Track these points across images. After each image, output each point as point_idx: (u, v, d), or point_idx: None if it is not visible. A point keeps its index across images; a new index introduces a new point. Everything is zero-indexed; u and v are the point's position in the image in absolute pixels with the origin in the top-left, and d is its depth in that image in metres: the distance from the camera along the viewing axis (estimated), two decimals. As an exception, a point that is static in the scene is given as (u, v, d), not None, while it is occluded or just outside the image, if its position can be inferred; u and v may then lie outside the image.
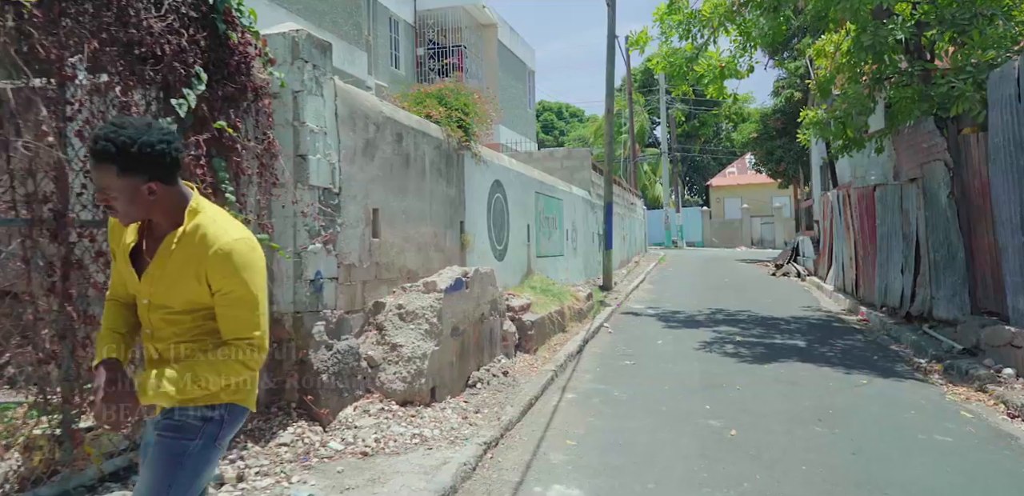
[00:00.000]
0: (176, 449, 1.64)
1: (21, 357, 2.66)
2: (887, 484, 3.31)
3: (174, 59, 2.98)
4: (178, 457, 1.64)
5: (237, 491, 2.97)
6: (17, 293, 2.66)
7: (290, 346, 3.76)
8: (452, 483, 3.18)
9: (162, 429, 1.67)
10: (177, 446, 1.64)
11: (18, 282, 2.66)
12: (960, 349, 5.98)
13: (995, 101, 5.76)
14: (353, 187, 4.28)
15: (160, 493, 1.62)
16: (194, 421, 1.66)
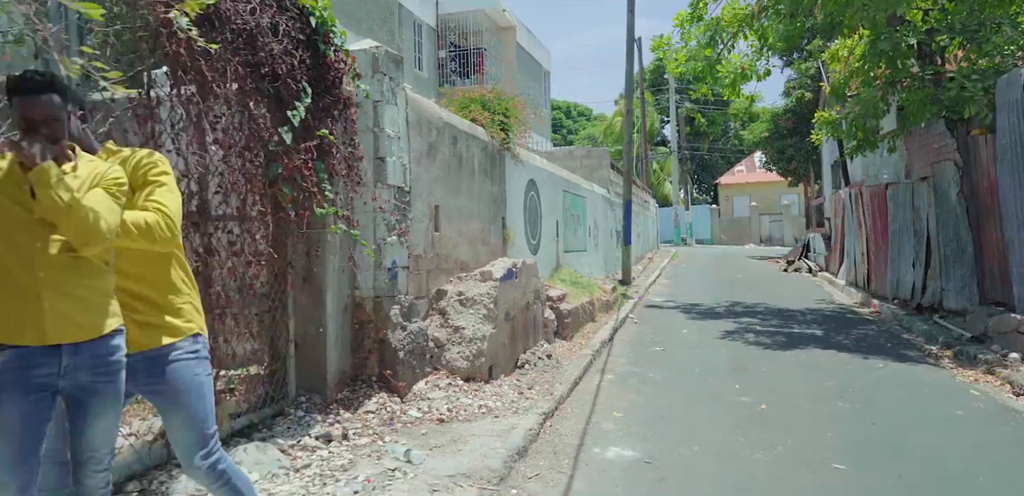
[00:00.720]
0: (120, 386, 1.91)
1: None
2: (905, 448, 3.76)
3: (288, 76, 3.46)
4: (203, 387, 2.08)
5: (343, 447, 3.45)
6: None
7: (370, 327, 4.24)
8: (523, 444, 3.65)
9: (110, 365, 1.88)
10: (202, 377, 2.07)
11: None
12: (969, 337, 6.41)
13: (1002, 105, 6.18)
14: (419, 186, 4.75)
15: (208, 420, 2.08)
16: (204, 353, 2.09)
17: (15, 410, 1.78)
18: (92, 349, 1.86)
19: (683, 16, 9.39)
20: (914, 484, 3.23)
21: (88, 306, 1.86)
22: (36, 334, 1.80)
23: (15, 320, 1.80)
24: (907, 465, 3.48)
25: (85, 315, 1.85)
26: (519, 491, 3.16)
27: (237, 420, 3.42)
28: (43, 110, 1.78)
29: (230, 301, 3.27)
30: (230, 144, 3.20)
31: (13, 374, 1.80)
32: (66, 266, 1.82)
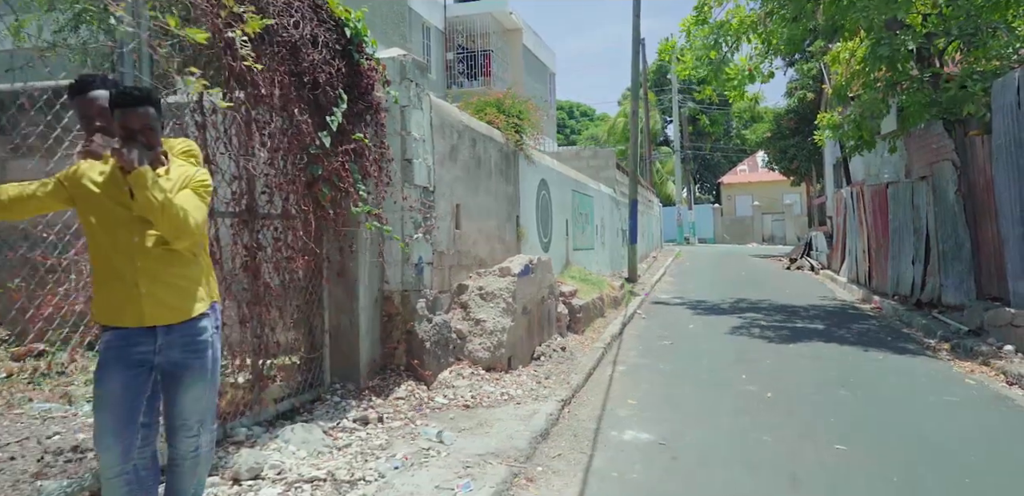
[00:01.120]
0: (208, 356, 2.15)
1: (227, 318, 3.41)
2: (902, 431, 4.01)
3: (326, 84, 3.72)
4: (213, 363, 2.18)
5: (379, 429, 3.71)
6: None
7: (398, 319, 4.51)
8: (545, 427, 3.91)
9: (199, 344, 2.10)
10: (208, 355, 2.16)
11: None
12: (966, 330, 6.65)
13: (998, 107, 6.42)
14: (442, 186, 5.01)
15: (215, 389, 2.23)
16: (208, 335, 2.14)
17: (118, 383, 2.05)
18: (182, 330, 2.12)
19: (689, 21, 9.64)
20: (910, 462, 3.48)
21: (179, 292, 2.12)
22: (135, 317, 2.06)
23: (116, 305, 2.06)
24: (904, 446, 3.73)
25: (177, 300, 2.11)
26: (544, 468, 3.42)
27: (281, 404, 3.69)
28: (141, 121, 2.04)
29: (274, 293, 3.53)
30: (276, 148, 3.47)
31: (115, 351, 2.06)
32: (160, 257, 2.08)
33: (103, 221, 2.06)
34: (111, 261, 2.06)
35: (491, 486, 2.98)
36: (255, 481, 2.90)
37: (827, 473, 3.33)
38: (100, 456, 2.03)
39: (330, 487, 2.91)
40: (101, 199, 2.06)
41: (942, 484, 3.18)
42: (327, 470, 3.05)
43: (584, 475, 3.33)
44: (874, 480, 3.23)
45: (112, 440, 2.02)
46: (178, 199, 2.06)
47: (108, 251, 2.06)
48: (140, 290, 2.05)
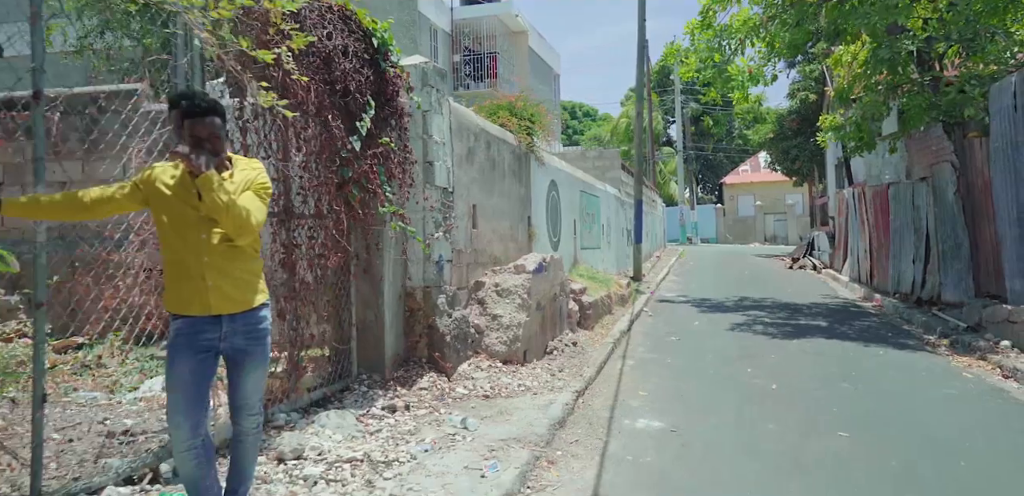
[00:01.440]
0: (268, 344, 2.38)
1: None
2: (903, 419, 4.22)
3: (356, 91, 3.94)
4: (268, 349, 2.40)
5: (407, 416, 3.93)
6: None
7: (420, 314, 4.73)
8: (562, 416, 4.13)
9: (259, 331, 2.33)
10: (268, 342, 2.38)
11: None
12: (965, 327, 6.86)
13: (996, 111, 6.62)
14: (460, 187, 5.23)
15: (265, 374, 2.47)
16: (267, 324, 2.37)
17: (187, 367, 2.26)
18: (245, 319, 2.34)
19: (694, 24, 9.85)
20: (908, 448, 3.69)
21: (242, 285, 2.33)
22: (201, 307, 2.27)
23: (185, 296, 2.28)
24: (902, 434, 3.94)
25: (240, 292, 2.32)
26: (563, 453, 3.63)
27: (314, 393, 3.91)
28: (208, 129, 2.25)
29: (308, 288, 3.76)
30: (311, 152, 3.69)
31: (185, 338, 2.28)
32: (225, 253, 2.30)
33: (174, 221, 2.27)
34: (181, 257, 2.27)
35: (516, 467, 3.19)
36: (298, 461, 3.12)
37: (829, 458, 3.55)
38: (172, 432, 2.24)
39: (367, 467, 3.13)
40: (172, 200, 2.26)
41: (938, 468, 3.39)
42: (363, 452, 3.27)
43: (601, 459, 3.54)
44: (873, 465, 3.45)
45: (183, 418, 2.23)
46: (241, 200, 2.27)
47: (178, 248, 2.27)
48: (207, 283, 2.25)
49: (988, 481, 3.23)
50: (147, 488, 2.74)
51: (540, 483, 3.20)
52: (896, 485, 3.18)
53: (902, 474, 3.32)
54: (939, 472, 3.34)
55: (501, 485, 2.97)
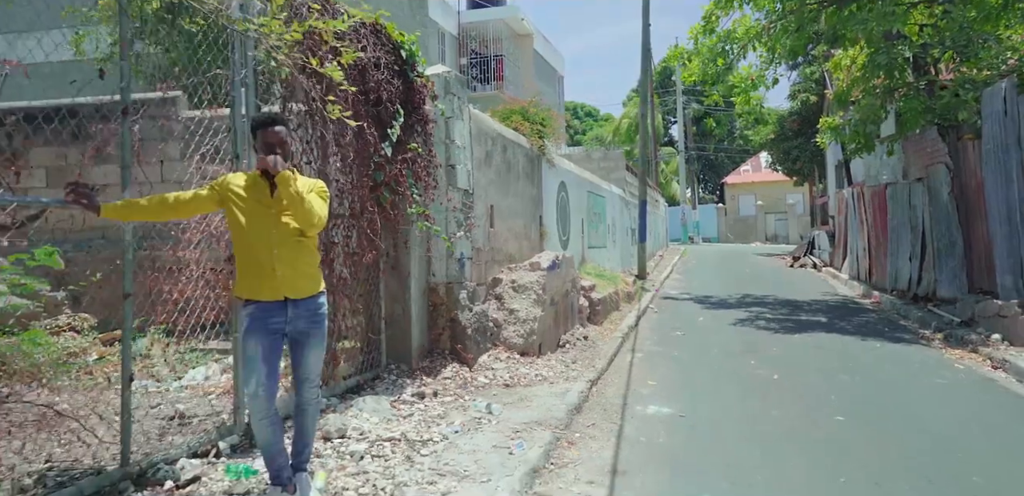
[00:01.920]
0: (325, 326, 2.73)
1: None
2: (896, 406, 4.52)
3: (387, 101, 4.25)
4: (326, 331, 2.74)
5: (435, 402, 4.23)
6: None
7: (443, 308, 5.03)
8: (578, 402, 4.43)
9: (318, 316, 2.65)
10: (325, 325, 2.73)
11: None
12: (958, 321, 7.15)
13: (987, 114, 6.92)
14: (479, 188, 5.54)
15: (323, 351, 2.77)
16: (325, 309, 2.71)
17: (261, 346, 2.58)
18: (306, 304, 2.65)
19: (697, 29, 10.13)
20: (901, 430, 3.99)
21: (305, 275, 2.65)
22: (271, 293, 2.58)
23: (256, 284, 2.59)
24: (896, 418, 4.24)
25: (303, 281, 2.64)
26: (581, 434, 3.94)
27: (348, 380, 4.22)
28: (277, 137, 2.58)
29: (344, 283, 4.06)
30: (348, 157, 3.99)
31: (258, 322, 2.59)
32: (292, 246, 2.62)
33: (248, 217, 2.58)
34: (254, 250, 2.58)
35: (540, 446, 3.50)
36: (343, 439, 3.43)
37: (828, 439, 3.85)
38: (251, 403, 2.56)
39: (405, 445, 3.44)
40: (247, 200, 2.58)
41: (927, 446, 3.69)
42: (400, 432, 3.58)
43: (616, 440, 3.84)
44: (868, 444, 3.75)
45: (260, 389, 2.55)
46: (309, 198, 2.59)
47: (252, 242, 2.58)
48: (276, 272, 2.56)
49: (973, 458, 3.52)
50: (212, 461, 3.05)
51: (562, 460, 3.50)
52: (887, 462, 3.48)
53: (893, 453, 3.61)
54: (929, 450, 3.64)
55: (528, 461, 3.28)
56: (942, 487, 3.14)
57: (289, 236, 2.58)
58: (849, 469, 3.36)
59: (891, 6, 7.82)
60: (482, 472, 3.11)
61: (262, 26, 2.74)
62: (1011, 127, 6.44)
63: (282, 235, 2.57)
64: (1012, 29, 8.05)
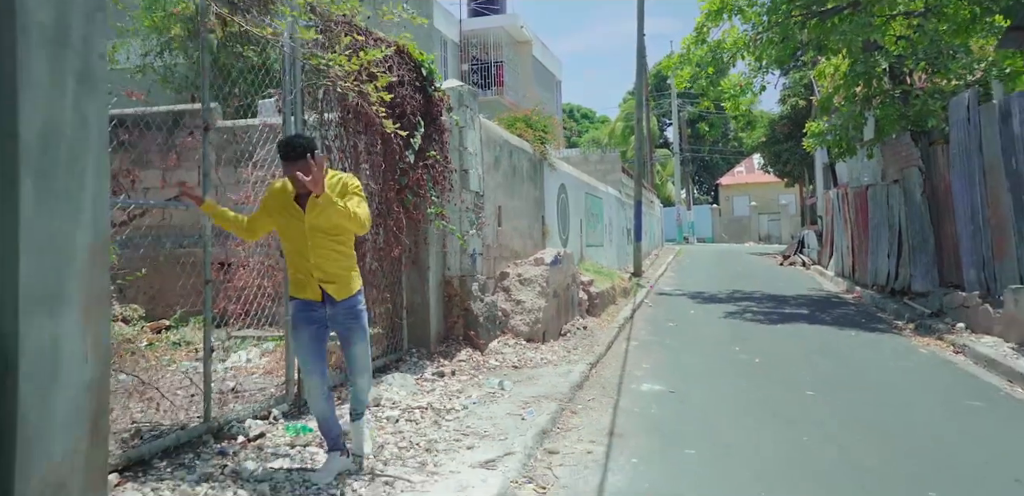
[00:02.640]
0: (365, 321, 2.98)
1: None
2: (862, 383, 5.09)
3: (410, 113, 4.80)
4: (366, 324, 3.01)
5: (453, 380, 4.78)
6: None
7: (456, 299, 5.58)
8: (579, 381, 4.99)
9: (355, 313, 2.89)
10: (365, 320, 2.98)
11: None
12: (929, 313, 7.74)
13: (954, 122, 7.51)
14: (488, 191, 6.09)
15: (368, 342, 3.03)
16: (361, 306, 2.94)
17: (306, 334, 2.89)
18: (344, 304, 2.88)
19: (689, 39, 10.72)
20: (862, 401, 4.56)
21: (340, 279, 2.87)
22: (313, 294, 2.87)
23: (300, 286, 2.90)
24: (860, 393, 4.81)
25: (338, 286, 2.86)
26: (583, 406, 4.49)
27: (376, 361, 4.75)
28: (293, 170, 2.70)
29: (374, 275, 4.61)
30: (378, 164, 4.54)
31: (302, 314, 2.89)
32: (325, 255, 2.82)
33: (284, 230, 2.86)
34: (295, 257, 2.86)
35: (547, 414, 4.05)
36: (378, 407, 3.98)
37: (797, 409, 4.41)
38: (306, 380, 2.94)
39: (431, 412, 3.99)
40: (283, 214, 2.84)
41: (883, 414, 4.26)
42: (426, 402, 4.13)
43: (613, 411, 4.40)
44: (832, 413, 4.32)
45: (312, 368, 2.91)
46: (350, 204, 3.06)
47: (291, 250, 2.87)
48: (314, 278, 2.82)
49: (922, 421, 4.09)
50: (272, 422, 3.59)
51: (567, 425, 4.06)
52: (846, 426, 4.05)
53: (851, 419, 4.19)
54: (882, 416, 4.21)
55: (538, 424, 3.83)
56: (891, 441, 3.71)
57: (323, 243, 2.79)
58: (813, 432, 3.93)
59: (868, 18, 8.42)
60: (499, 432, 3.66)
61: (330, 61, 3.28)
62: (974, 134, 7.03)
63: (316, 242, 2.77)
64: (985, 40, 8.67)
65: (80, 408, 2.30)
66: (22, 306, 2.09)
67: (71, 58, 2.27)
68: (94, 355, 2.37)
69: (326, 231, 2.78)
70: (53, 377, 2.20)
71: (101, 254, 2.42)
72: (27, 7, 2.11)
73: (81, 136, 2.30)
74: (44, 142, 2.18)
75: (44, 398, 2.17)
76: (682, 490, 3.08)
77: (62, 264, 2.24)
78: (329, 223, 2.73)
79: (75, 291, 2.28)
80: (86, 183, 2.31)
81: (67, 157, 2.25)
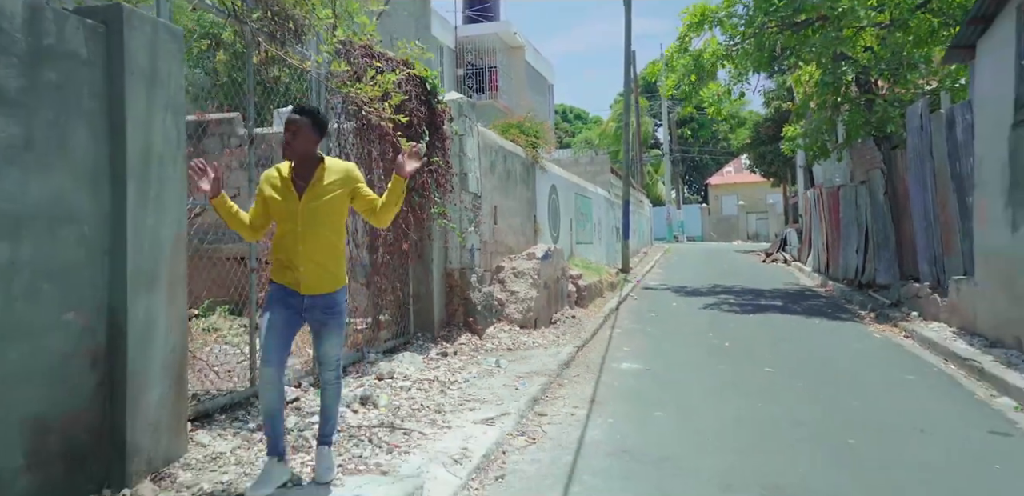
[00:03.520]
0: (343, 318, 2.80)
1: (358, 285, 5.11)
2: (817, 362, 5.77)
3: (416, 124, 5.43)
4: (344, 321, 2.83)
5: (455, 359, 5.42)
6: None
7: (457, 289, 6.22)
8: (567, 360, 5.64)
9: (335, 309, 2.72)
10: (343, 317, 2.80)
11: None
12: (889, 303, 8.45)
13: (910, 129, 8.22)
14: (485, 192, 6.73)
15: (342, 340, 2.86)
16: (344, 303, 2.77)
17: (279, 317, 2.69)
18: (324, 299, 2.72)
19: (673, 48, 11.40)
20: (814, 376, 5.23)
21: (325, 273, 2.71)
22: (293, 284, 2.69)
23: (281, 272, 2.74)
24: (813, 369, 5.49)
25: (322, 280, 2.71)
26: (569, 380, 5.14)
27: (387, 343, 5.39)
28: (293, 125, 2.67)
29: (386, 266, 5.24)
30: (388, 168, 5.17)
31: (278, 297, 2.71)
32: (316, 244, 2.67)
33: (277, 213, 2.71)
34: (284, 242, 2.71)
35: (538, 385, 4.70)
36: (391, 379, 4.61)
37: (758, 382, 5.08)
38: (262, 369, 2.68)
39: (438, 384, 4.62)
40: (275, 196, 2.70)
41: (826, 385, 4.94)
42: (433, 376, 4.77)
43: (595, 384, 5.06)
44: (786, 385, 4.99)
45: (273, 356, 2.66)
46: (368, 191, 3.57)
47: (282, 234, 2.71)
48: (300, 269, 2.66)
49: (862, 392, 4.77)
50: (304, 390, 4.22)
51: (555, 395, 4.71)
52: (798, 395, 4.72)
53: (800, 390, 4.86)
54: (831, 388, 4.89)
55: (529, 393, 4.48)
56: (829, 405, 4.38)
57: (315, 233, 2.66)
58: (765, 399, 4.60)
59: (836, 32, 9.12)
60: (497, 399, 4.30)
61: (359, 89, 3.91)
62: (926, 140, 7.74)
63: (307, 232, 2.65)
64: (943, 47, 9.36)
65: (168, 366, 2.96)
66: (129, 286, 2.75)
67: (161, 92, 2.93)
68: (176, 325, 3.03)
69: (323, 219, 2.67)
70: (149, 341, 2.87)
71: (181, 244, 3.08)
72: (132, 54, 2.77)
73: (168, 152, 2.97)
74: (143, 157, 2.84)
75: (144, 357, 2.82)
76: (649, 440, 3.73)
77: (155, 252, 2.90)
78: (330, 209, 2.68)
79: (163, 273, 2.94)
80: (171, 188, 2.96)
81: (158, 168, 2.91)
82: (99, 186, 2.70)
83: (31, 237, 2.42)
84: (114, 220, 2.74)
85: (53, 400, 2.49)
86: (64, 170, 2.55)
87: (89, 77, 2.66)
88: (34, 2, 2.46)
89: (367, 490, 2.74)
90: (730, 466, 3.29)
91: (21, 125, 2.39)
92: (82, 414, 2.61)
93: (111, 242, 2.75)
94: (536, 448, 3.60)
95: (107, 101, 2.74)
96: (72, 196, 2.58)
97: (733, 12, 10.52)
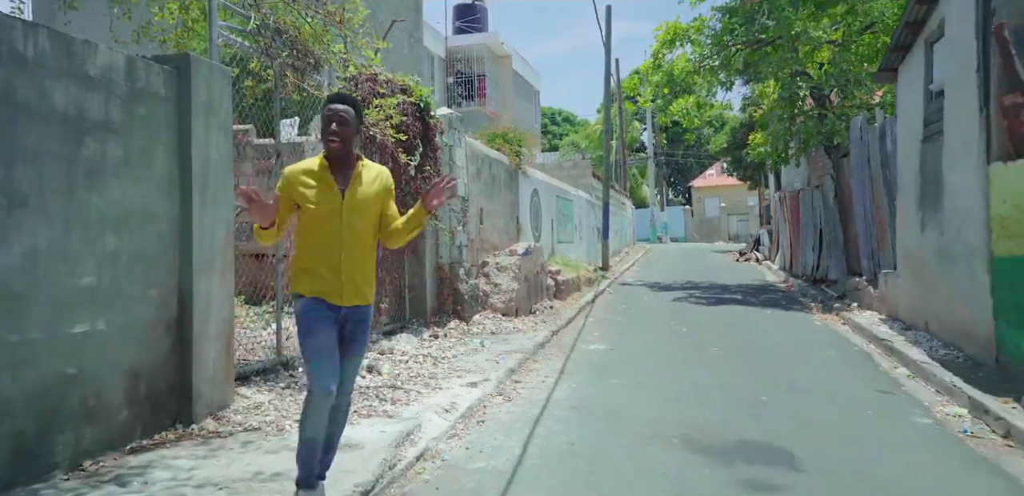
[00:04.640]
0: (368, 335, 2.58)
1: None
2: (759, 344, 6.69)
3: (411, 137, 6.27)
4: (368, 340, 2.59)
5: (445, 341, 6.27)
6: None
7: (447, 281, 7.06)
8: (542, 342, 6.51)
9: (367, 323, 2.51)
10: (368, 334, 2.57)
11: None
12: (836, 296, 9.40)
13: (852, 140, 9.19)
14: (472, 196, 7.58)
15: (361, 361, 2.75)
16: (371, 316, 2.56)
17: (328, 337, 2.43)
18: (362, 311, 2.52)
19: (648, 64, 12.34)
20: (753, 355, 6.13)
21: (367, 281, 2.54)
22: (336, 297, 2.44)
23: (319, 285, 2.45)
24: (754, 350, 6.39)
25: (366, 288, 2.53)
26: (543, 358, 6.01)
27: (386, 327, 6.23)
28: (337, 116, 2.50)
29: (387, 260, 6.08)
30: (389, 176, 6.01)
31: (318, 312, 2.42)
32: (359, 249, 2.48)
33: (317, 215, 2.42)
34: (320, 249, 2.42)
35: (516, 360, 5.56)
36: (391, 354, 5.45)
37: (704, 359, 5.97)
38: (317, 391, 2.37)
39: (431, 358, 5.47)
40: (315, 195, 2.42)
41: (760, 361, 5.85)
42: (426, 353, 5.61)
43: (565, 360, 5.92)
44: (727, 361, 5.88)
45: (331, 381, 2.38)
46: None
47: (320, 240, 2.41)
48: (342, 277, 2.41)
49: (785, 365, 5.68)
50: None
51: (530, 368, 5.57)
52: (738, 368, 5.62)
53: (738, 364, 5.76)
54: (767, 363, 5.79)
55: (508, 366, 5.33)
56: (757, 375, 5.28)
57: (359, 238, 2.46)
58: (707, 371, 5.49)
59: (791, 53, 10.09)
60: (480, 370, 5.15)
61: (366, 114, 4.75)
62: (864, 149, 8.70)
63: (352, 236, 2.43)
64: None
65: (220, 333, 3.79)
66: (194, 271, 3.59)
67: (215, 118, 3.77)
68: (226, 302, 3.86)
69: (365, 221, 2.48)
70: (207, 314, 3.70)
71: (230, 238, 3.92)
72: (196, 91, 3.60)
73: (221, 165, 3.80)
74: (203, 170, 3.67)
75: (203, 326, 3.65)
76: (604, 399, 4.60)
77: (212, 244, 3.73)
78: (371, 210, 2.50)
79: (217, 261, 3.77)
80: (223, 193, 3.79)
81: (214, 177, 3.73)
82: (172, 193, 3.52)
83: (128, 232, 3.24)
84: (182, 219, 3.57)
85: (141, 356, 3.30)
86: (149, 181, 3.37)
87: (166, 110, 3.49)
88: (130, 56, 3.28)
89: (378, 427, 3.58)
90: (663, 415, 4.16)
91: (122, 148, 3.21)
92: (160, 368, 3.42)
93: (180, 236, 3.57)
94: (511, 404, 4.45)
95: (177, 127, 3.56)
96: (154, 201, 3.40)
97: (702, 29, 11.48)
